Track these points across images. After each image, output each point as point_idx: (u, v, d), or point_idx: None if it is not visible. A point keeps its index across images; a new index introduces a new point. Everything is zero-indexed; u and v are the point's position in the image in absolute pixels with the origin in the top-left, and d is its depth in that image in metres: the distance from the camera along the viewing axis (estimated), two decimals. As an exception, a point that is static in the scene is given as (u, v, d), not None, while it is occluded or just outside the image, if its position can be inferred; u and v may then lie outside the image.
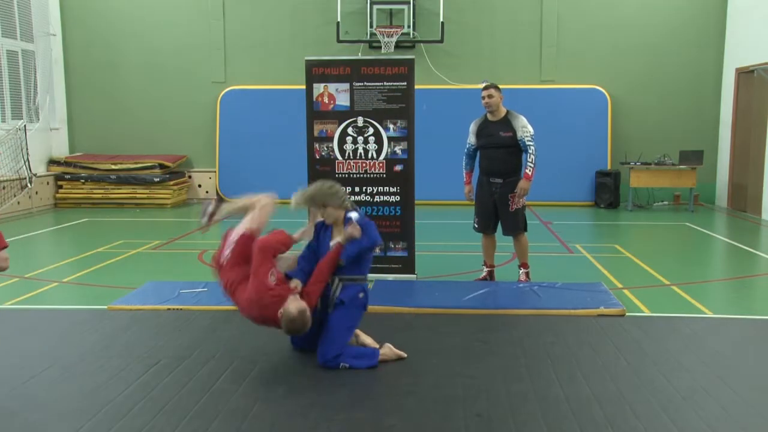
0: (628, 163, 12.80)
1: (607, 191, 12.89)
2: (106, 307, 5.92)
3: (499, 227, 6.70)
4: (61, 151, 14.03)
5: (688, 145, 13.02)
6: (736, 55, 12.85)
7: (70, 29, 14.13)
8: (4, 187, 11.66)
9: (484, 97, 6.46)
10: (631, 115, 13.56)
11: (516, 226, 6.56)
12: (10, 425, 3.64)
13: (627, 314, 5.67)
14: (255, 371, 4.34)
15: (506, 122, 6.45)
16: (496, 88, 6.48)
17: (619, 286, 6.78)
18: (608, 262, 7.96)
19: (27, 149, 12.17)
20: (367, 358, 4.47)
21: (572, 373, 4.35)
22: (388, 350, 4.57)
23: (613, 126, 13.51)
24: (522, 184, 6.43)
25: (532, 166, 6.37)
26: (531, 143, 6.37)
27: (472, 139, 6.65)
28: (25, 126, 12.27)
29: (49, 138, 13.69)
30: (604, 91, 13.44)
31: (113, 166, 13.37)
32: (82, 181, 13.30)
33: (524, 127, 6.40)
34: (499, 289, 6.39)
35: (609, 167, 13.32)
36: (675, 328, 5.34)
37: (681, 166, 12.47)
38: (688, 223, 11.07)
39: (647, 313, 5.84)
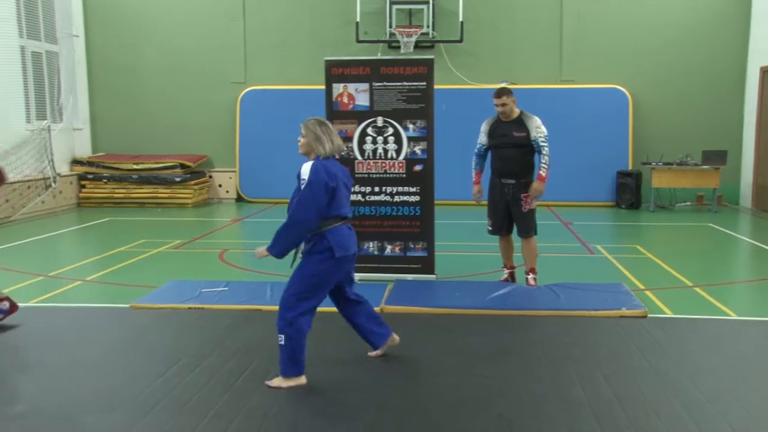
0: (650, 164, 12.68)
1: (629, 191, 12.78)
2: (128, 305, 5.97)
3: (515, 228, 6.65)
4: (84, 151, 14.19)
5: (711, 144, 12.87)
6: (760, 53, 12.67)
7: (92, 31, 14.27)
8: (29, 187, 11.81)
9: (497, 105, 6.39)
10: (652, 114, 13.43)
11: (529, 227, 6.51)
12: (37, 420, 3.69)
13: (649, 315, 5.62)
14: (274, 371, 4.35)
15: (520, 122, 6.39)
16: (508, 93, 6.34)
17: (641, 287, 6.72)
18: (629, 263, 7.90)
19: (51, 149, 12.32)
20: (294, 367, 4.16)
21: (593, 374, 4.32)
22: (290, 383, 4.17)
23: (634, 126, 13.39)
24: (536, 186, 6.38)
25: (546, 167, 6.32)
26: (545, 144, 6.32)
27: (483, 138, 6.60)
28: (49, 126, 12.42)
29: (73, 138, 13.85)
30: (624, 90, 13.33)
31: (135, 166, 13.49)
32: (105, 180, 13.44)
33: (538, 128, 6.35)
34: (519, 290, 6.36)
35: (630, 167, 13.21)
36: (698, 330, 5.29)
37: (704, 167, 12.32)
38: (711, 224, 10.95)
39: (670, 314, 5.78)
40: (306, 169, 4.12)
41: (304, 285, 4.14)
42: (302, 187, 4.09)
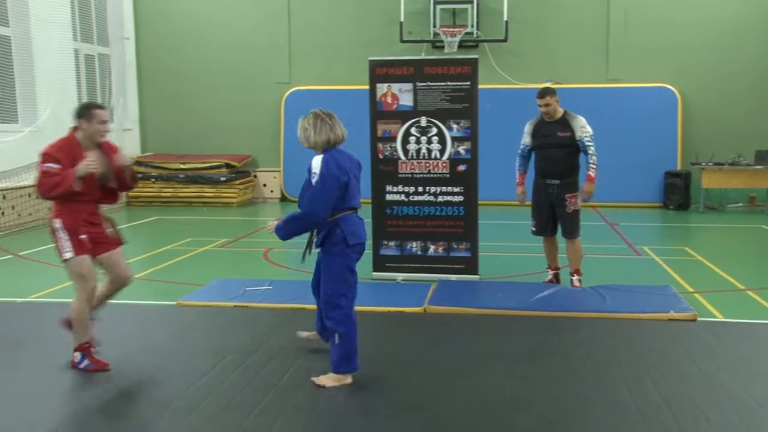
0: (700, 164, 12.38)
1: (677, 192, 12.52)
2: (175, 302, 6.08)
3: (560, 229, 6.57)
4: (133, 150, 14.51)
5: (764, 144, 12.50)
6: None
7: (142, 33, 14.59)
8: (80, 186, 12.11)
9: (541, 106, 6.34)
10: (702, 113, 13.11)
11: (573, 227, 6.43)
12: (87, 412, 3.79)
13: (698, 319, 5.49)
14: (319, 368, 4.38)
15: (564, 122, 6.31)
16: (551, 93, 6.28)
17: (690, 289, 6.57)
18: (678, 265, 7.73)
19: (101, 150, 12.62)
20: (347, 364, 4.18)
21: (640, 377, 4.24)
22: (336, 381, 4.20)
23: (683, 125, 13.10)
24: (587, 187, 6.30)
25: (594, 167, 6.23)
26: (591, 144, 6.23)
27: (527, 139, 6.53)
28: (100, 127, 12.71)
29: (122, 138, 14.15)
30: (673, 89, 13.05)
31: (182, 166, 13.75)
32: (153, 180, 13.72)
33: (583, 128, 6.25)
34: (564, 291, 6.28)
35: (679, 167, 12.93)
36: (750, 334, 5.15)
37: (757, 167, 11.97)
38: (764, 226, 10.65)
39: (720, 318, 5.64)
40: (317, 162, 4.14)
41: (337, 282, 4.18)
42: (313, 180, 4.10)
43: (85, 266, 4.40)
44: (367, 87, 7.03)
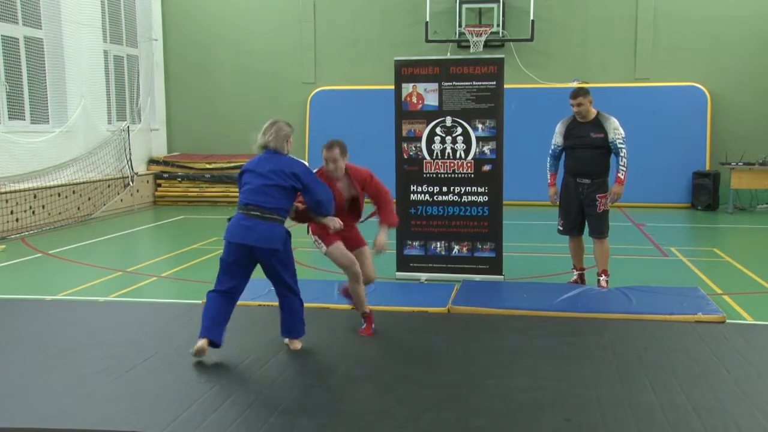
0: (729, 164, 12.19)
1: (706, 193, 12.34)
2: (201, 301, 6.12)
3: (586, 229, 6.52)
4: (160, 150, 14.67)
5: (796, 144, 12.29)
6: None
7: (170, 35, 14.74)
8: (109, 185, 12.30)
9: (573, 106, 6.29)
10: (732, 113, 12.91)
11: (602, 228, 6.38)
12: (116, 409, 3.84)
13: (727, 321, 5.41)
14: (343, 368, 4.40)
15: (597, 123, 6.27)
16: (584, 94, 6.24)
17: (718, 291, 6.48)
18: (706, 267, 7.62)
19: (129, 149, 12.80)
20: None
21: (667, 380, 4.19)
22: None
23: (712, 125, 12.91)
24: (616, 188, 6.26)
25: (625, 169, 6.18)
26: (623, 146, 6.19)
27: (558, 139, 6.49)
28: (128, 127, 12.90)
29: (149, 138, 14.35)
30: (703, 88, 12.86)
31: (208, 165, 13.87)
32: (179, 179, 13.86)
33: (616, 130, 6.21)
34: (589, 292, 6.23)
35: (707, 168, 12.74)
36: (780, 338, 5.06)
37: (788, 167, 11.78)
38: (795, 227, 10.47)
39: (750, 320, 5.55)
40: None
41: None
42: None
43: None
44: (392, 87, 7.03)
